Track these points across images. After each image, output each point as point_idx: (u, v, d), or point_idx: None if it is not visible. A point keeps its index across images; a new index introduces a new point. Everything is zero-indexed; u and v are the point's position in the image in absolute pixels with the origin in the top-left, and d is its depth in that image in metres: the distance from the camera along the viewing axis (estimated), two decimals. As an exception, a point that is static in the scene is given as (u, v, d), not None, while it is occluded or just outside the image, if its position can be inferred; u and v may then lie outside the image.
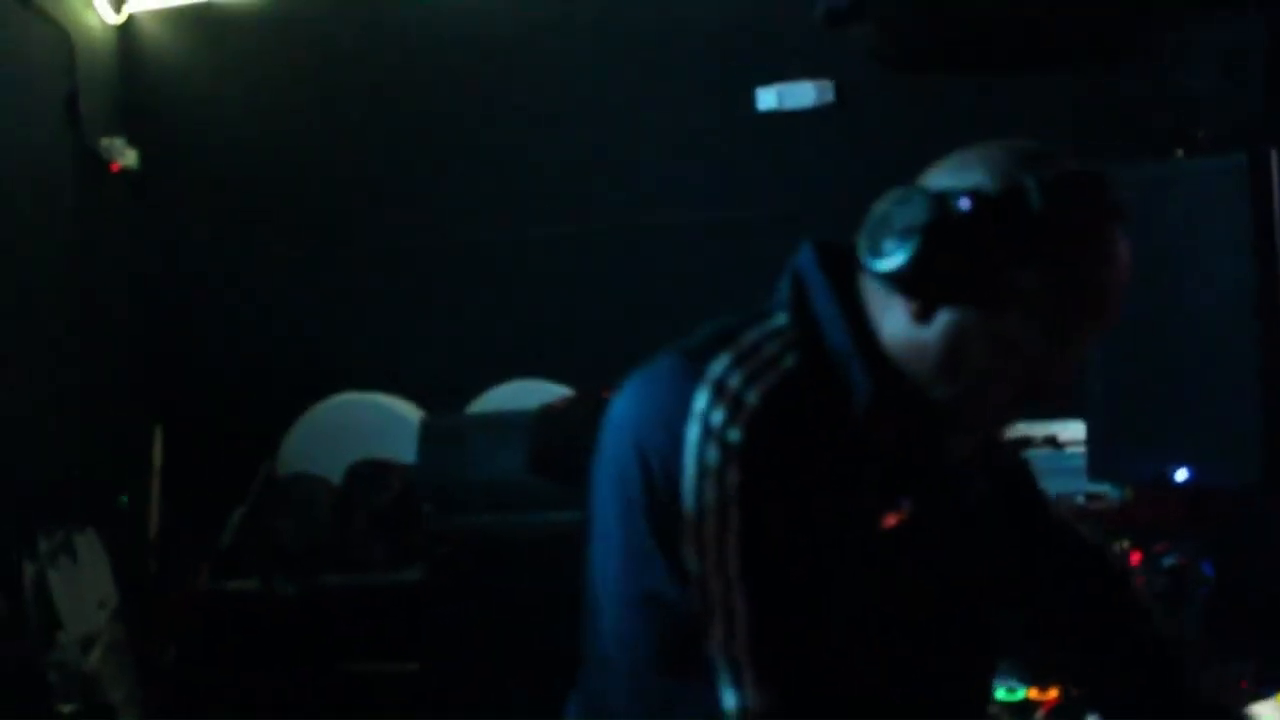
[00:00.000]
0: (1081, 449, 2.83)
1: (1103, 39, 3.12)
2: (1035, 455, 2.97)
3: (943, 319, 1.30)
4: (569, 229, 4.34)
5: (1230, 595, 2.20)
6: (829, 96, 3.62)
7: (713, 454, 1.28)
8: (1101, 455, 2.46)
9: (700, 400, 1.30)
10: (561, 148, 4.34)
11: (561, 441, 4.08)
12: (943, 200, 1.27)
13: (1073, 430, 3.01)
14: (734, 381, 1.30)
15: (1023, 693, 2.09)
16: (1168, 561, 2.27)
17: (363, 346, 4.44)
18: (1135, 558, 2.30)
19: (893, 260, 1.28)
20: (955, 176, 1.30)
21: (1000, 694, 2.11)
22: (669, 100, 4.14)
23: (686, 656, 1.26)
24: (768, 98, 3.65)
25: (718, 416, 1.28)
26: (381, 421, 4.43)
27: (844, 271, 1.37)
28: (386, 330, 4.43)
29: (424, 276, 4.48)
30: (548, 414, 4.05)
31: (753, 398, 1.29)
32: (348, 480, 4.27)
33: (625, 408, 1.38)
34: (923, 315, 1.31)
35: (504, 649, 4.18)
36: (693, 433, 1.29)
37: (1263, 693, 1.94)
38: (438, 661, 4.17)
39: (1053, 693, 2.06)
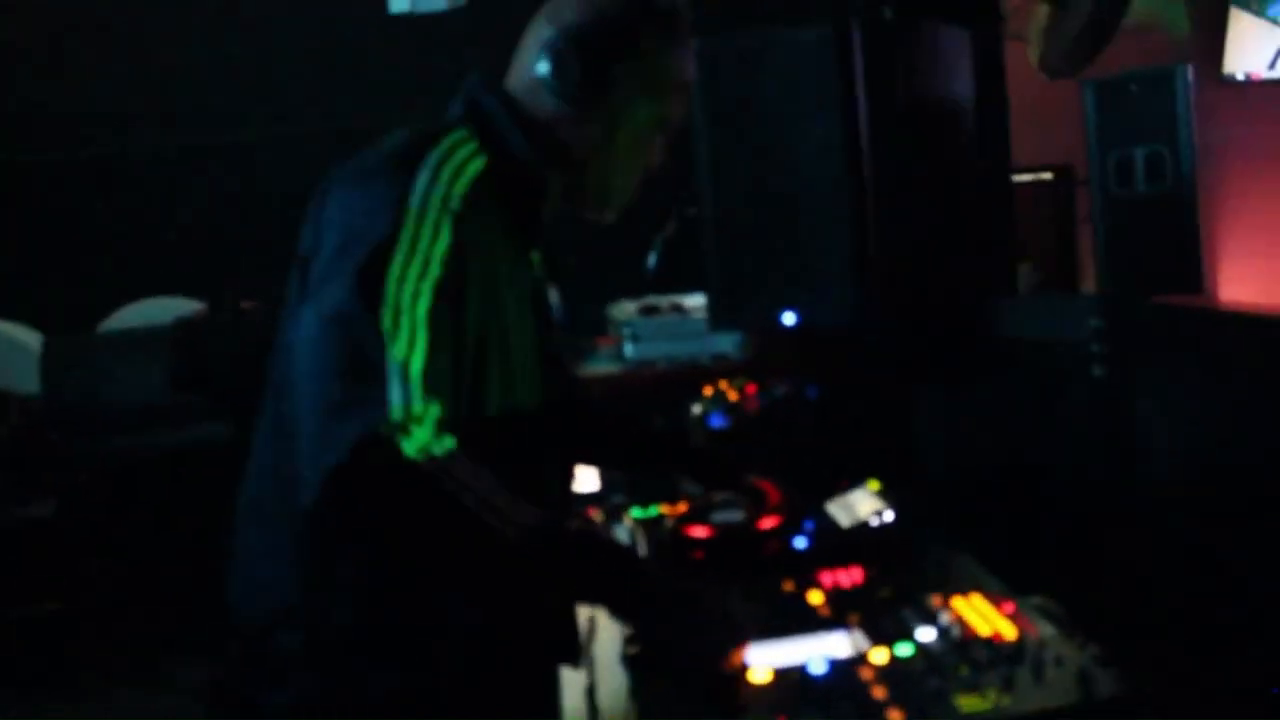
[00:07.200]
0: (703, 314, 3.07)
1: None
2: (664, 321, 3.21)
3: (626, 127, 1.71)
4: (197, 140, 4.25)
5: (831, 415, 2.47)
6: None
7: (432, 214, 1.54)
8: (720, 307, 2.68)
9: (424, 172, 1.56)
10: (187, 57, 4.22)
11: (203, 354, 4.01)
12: (625, 33, 1.67)
13: (694, 299, 3.26)
14: (455, 158, 1.59)
15: (655, 509, 2.27)
16: (779, 391, 2.52)
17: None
18: (751, 389, 2.54)
19: (587, 84, 1.65)
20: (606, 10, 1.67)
21: (635, 512, 2.28)
22: (298, 3, 4.09)
23: (365, 365, 1.46)
24: (400, 1, 3.68)
25: (439, 190, 1.55)
26: (-7, 350, 4.22)
27: (503, 89, 1.71)
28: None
29: (37, 194, 4.27)
30: (185, 327, 3.97)
31: (467, 176, 1.59)
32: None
33: (352, 186, 1.62)
34: (608, 124, 1.69)
35: (153, 576, 4.05)
36: (415, 200, 1.54)
37: (856, 484, 2.22)
38: (82, 597, 4.01)
39: (681, 506, 2.25)
